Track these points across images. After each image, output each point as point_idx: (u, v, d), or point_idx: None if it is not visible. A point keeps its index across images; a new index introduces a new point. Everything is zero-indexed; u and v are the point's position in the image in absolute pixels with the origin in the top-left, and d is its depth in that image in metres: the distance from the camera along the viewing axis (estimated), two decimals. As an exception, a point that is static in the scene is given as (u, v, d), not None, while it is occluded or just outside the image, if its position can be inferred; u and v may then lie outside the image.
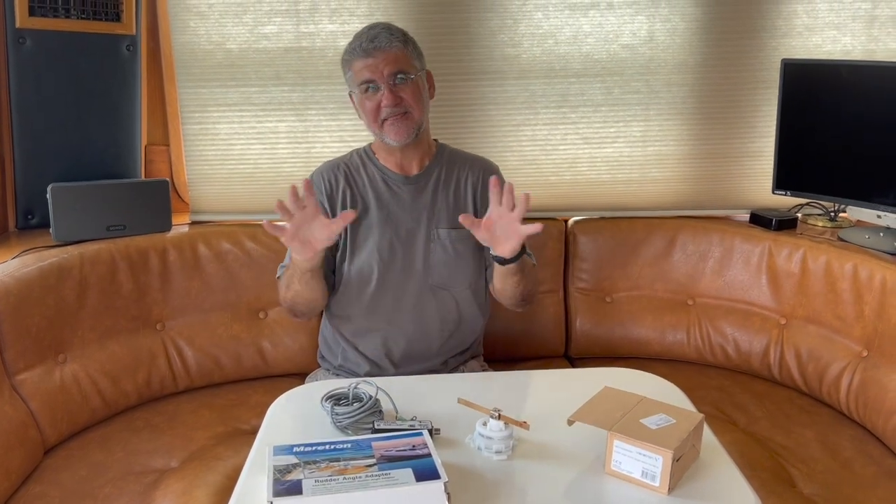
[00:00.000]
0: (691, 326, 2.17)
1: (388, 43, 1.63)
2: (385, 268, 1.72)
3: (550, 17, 2.17)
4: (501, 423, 1.22)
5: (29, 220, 2.06)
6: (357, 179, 1.76)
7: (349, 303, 1.76)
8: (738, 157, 2.31)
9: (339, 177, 1.76)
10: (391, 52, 1.63)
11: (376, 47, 1.62)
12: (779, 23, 2.20)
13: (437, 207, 1.75)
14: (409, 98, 1.64)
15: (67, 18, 1.96)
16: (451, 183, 1.78)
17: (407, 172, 1.76)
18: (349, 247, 1.74)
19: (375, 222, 1.73)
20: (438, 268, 1.74)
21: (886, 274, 1.81)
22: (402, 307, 1.74)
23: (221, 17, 2.09)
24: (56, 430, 1.73)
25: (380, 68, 1.62)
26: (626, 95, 2.25)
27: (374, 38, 1.63)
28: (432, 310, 1.75)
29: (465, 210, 1.77)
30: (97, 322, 1.88)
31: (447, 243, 1.74)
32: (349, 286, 1.74)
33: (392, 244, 1.73)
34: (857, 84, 1.99)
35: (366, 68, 1.63)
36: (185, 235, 2.07)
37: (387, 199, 1.75)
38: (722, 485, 1.16)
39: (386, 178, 1.76)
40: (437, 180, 1.77)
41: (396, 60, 1.63)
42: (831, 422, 1.87)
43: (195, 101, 2.15)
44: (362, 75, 1.64)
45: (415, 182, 1.76)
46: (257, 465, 1.19)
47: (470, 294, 1.78)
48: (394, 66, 1.63)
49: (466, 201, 1.78)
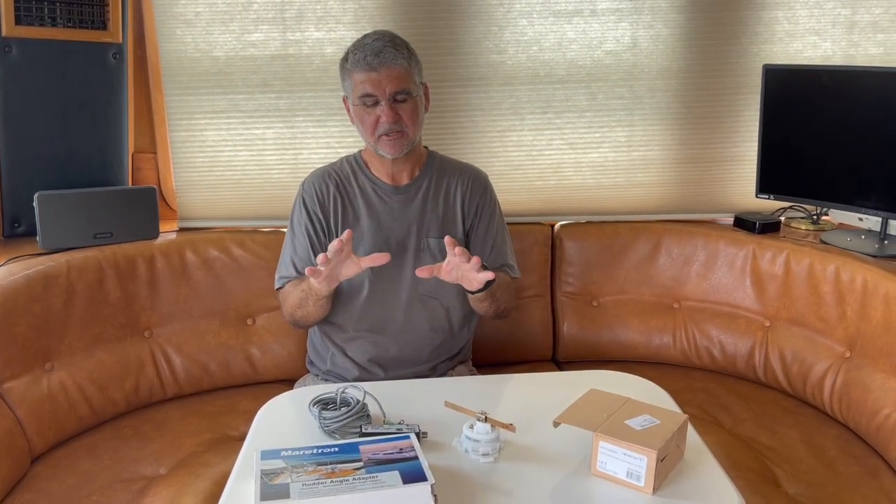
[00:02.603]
0: (677, 330, 2.19)
1: (393, 59, 1.61)
2: (376, 278, 1.73)
3: (535, 23, 2.19)
4: (488, 426, 1.23)
5: (15, 228, 2.06)
6: (348, 188, 1.77)
7: (339, 311, 1.76)
8: (722, 162, 2.34)
9: (329, 185, 1.76)
10: (395, 69, 1.61)
11: (381, 63, 1.60)
12: (760, 29, 2.23)
13: (427, 217, 1.76)
14: (406, 117, 1.65)
15: (54, 27, 1.97)
16: (441, 192, 1.78)
17: (397, 182, 1.76)
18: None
19: (366, 232, 1.74)
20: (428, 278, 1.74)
21: (868, 276, 1.84)
22: (392, 316, 1.75)
23: (208, 25, 2.10)
24: (43, 439, 1.72)
25: (382, 85, 1.61)
26: (611, 101, 2.27)
27: (380, 53, 1.60)
28: (422, 318, 1.76)
29: (454, 220, 1.78)
30: (84, 330, 1.87)
31: (437, 253, 1.74)
32: (340, 295, 1.75)
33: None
34: (837, 89, 2.02)
35: (368, 82, 1.61)
36: (173, 242, 2.07)
37: (377, 208, 1.75)
38: (707, 485, 1.17)
39: (376, 187, 1.76)
40: (426, 190, 1.77)
41: (399, 79, 1.62)
42: (815, 422, 1.89)
43: (182, 109, 2.15)
44: (363, 88, 1.62)
45: (404, 192, 1.76)
46: (245, 471, 1.19)
47: (459, 302, 1.79)
48: (396, 84, 1.62)
49: (455, 211, 1.79)
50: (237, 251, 2.09)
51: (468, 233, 1.81)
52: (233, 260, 2.08)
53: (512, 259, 1.85)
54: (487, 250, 1.81)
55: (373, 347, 1.76)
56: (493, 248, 1.82)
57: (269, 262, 2.05)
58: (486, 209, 1.82)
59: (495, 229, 1.83)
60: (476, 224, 1.81)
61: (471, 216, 1.81)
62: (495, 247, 1.82)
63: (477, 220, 1.81)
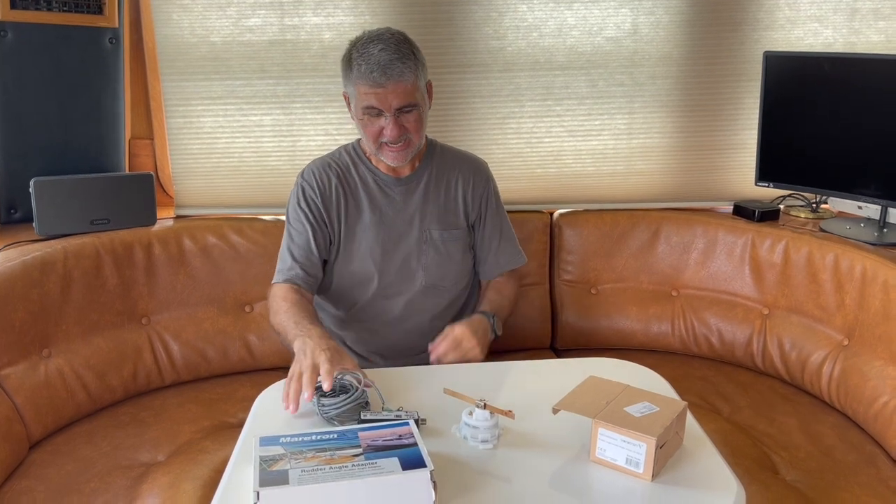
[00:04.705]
0: (676, 317, 2.19)
1: (400, 75, 1.53)
2: (380, 271, 1.72)
3: (535, 9, 2.17)
4: (487, 413, 1.23)
5: (12, 215, 2.05)
6: (349, 180, 1.74)
7: (341, 302, 1.76)
8: (722, 150, 2.33)
9: (331, 176, 1.73)
10: (402, 84, 1.54)
11: (388, 79, 1.53)
12: (761, 15, 2.21)
13: (429, 208, 1.75)
14: (412, 127, 1.60)
15: (49, 11, 1.95)
16: (442, 183, 1.77)
17: (399, 174, 1.74)
18: (342, 249, 1.73)
19: (369, 224, 1.72)
20: (431, 268, 1.74)
21: (867, 264, 1.84)
22: (395, 306, 1.75)
23: (205, 10, 2.08)
24: (41, 425, 1.72)
25: (388, 100, 1.55)
26: (611, 88, 2.26)
27: (387, 69, 1.52)
28: (424, 308, 1.76)
29: (456, 211, 1.77)
30: (82, 316, 1.87)
31: (439, 244, 1.74)
32: (342, 288, 1.74)
33: (385, 246, 1.72)
34: (838, 76, 2.01)
35: (373, 96, 1.55)
36: (170, 229, 2.06)
37: (379, 200, 1.73)
38: (705, 472, 1.17)
39: (377, 179, 1.74)
40: (427, 181, 1.75)
41: (406, 94, 1.56)
42: (813, 410, 1.89)
43: (179, 95, 2.14)
44: (367, 100, 1.56)
45: (406, 183, 1.74)
46: (244, 457, 1.19)
47: (461, 291, 1.79)
48: (403, 99, 1.56)
49: (457, 203, 1.77)
50: (235, 238, 2.08)
51: (473, 226, 1.81)
52: (231, 247, 2.07)
53: (518, 245, 1.86)
54: (496, 242, 1.82)
55: (372, 337, 1.76)
56: (501, 238, 1.83)
57: (267, 249, 2.05)
58: (489, 201, 1.81)
59: (500, 220, 1.83)
60: (482, 217, 1.81)
61: (475, 210, 1.80)
62: (503, 237, 1.83)
63: (483, 212, 1.81)
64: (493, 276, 1.84)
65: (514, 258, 1.85)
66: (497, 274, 1.84)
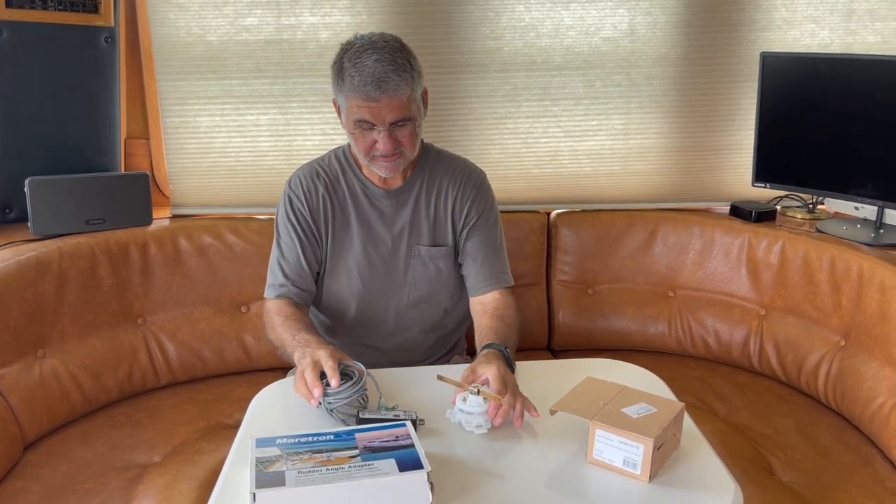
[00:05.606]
0: (672, 318, 2.19)
1: (395, 89, 1.45)
2: (366, 286, 1.68)
3: (532, 9, 2.17)
4: (481, 399, 1.25)
5: (7, 215, 2.04)
6: (337, 188, 1.67)
7: (331, 316, 1.74)
8: (718, 150, 2.33)
9: (318, 186, 1.66)
10: (397, 98, 1.46)
11: (383, 93, 1.44)
12: (758, 16, 2.21)
13: (418, 223, 1.68)
14: (406, 140, 1.52)
15: (45, 10, 1.94)
16: (433, 195, 1.68)
17: (389, 186, 1.66)
18: (328, 262, 1.68)
19: (356, 237, 1.66)
20: (419, 284, 1.69)
21: (864, 265, 1.84)
22: (385, 321, 1.71)
23: (201, 9, 2.07)
24: (36, 426, 1.71)
25: (382, 114, 1.47)
26: (608, 88, 2.26)
27: (381, 83, 1.43)
28: (414, 322, 1.72)
29: (444, 226, 1.67)
30: (77, 317, 1.86)
31: (427, 260, 1.68)
32: (330, 303, 1.71)
33: (372, 261, 1.67)
34: (835, 77, 2.01)
35: (367, 110, 1.47)
36: (166, 229, 2.05)
37: (367, 212, 1.67)
38: (702, 473, 1.17)
39: (366, 190, 1.67)
40: (418, 193, 1.67)
41: (401, 108, 1.48)
42: (810, 411, 1.90)
43: (175, 94, 2.13)
44: (360, 114, 1.48)
45: (396, 196, 1.66)
46: (240, 458, 1.19)
47: (451, 305, 1.74)
48: (397, 113, 1.48)
49: (446, 215, 1.69)
50: (231, 238, 2.07)
51: (459, 237, 1.70)
52: (227, 247, 2.07)
53: (507, 266, 1.72)
54: (482, 256, 1.68)
55: (364, 350, 1.72)
56: (488, 253, 1.68)
57: (263, 249, 2.04)
58: (476, 211, 1.68)
59: (490, 234, 1.69)
60: (468, 227, 1.68)
61: (461, 219, 1.68)
62: (490, 252, 1.68)
63: (468, 222, 1.68)
64: (476, 293, 1.68)
65: (498, 277, 1.67)
66: (479, 292, 1.68)
